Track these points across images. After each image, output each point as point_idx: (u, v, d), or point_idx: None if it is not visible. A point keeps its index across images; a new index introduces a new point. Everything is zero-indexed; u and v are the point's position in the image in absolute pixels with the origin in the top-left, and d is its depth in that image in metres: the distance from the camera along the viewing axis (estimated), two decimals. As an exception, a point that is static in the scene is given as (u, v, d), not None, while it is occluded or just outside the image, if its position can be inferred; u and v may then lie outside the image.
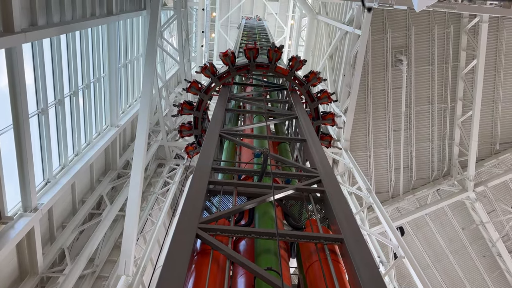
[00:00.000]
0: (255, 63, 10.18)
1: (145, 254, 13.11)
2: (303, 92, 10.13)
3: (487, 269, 22.11)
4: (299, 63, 10.19)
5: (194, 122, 10.11)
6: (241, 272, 4.62)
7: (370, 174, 21.21)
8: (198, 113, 9.97)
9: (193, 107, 9.99)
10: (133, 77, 18.82)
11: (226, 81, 10.15)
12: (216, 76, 9.95)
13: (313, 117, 10.12)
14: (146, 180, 17.58)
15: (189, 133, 10.29)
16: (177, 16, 20.85)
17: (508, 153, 21.17)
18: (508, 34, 19.29)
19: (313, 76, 10.14)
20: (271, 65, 10.17)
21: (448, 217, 21.63)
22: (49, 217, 11.53)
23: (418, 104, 20.46)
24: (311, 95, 10.10)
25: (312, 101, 10.10)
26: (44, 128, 10.99)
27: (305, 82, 10.11)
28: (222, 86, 10.11)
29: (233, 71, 10.09)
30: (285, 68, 10.22)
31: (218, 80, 9.98)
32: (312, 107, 10.11)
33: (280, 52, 10.32)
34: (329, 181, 5.73)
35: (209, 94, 9.94)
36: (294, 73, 10.17)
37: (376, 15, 18.36)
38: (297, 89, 10.22)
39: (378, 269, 4.07)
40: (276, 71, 10.20)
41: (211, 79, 10.01)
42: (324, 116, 10.23)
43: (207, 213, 5.49)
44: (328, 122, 10.25)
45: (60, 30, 10.99)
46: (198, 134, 10.16)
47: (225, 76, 10.07)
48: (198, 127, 10.10)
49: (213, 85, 9.96)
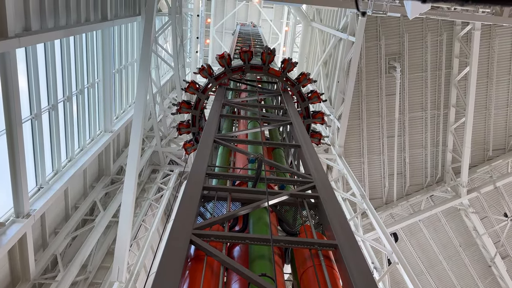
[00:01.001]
0: (250, 64, 10.62)
1: (139, 261, 13.02)
2: (295, 92, 10.58)
3: (480, 275, 22.19)
4: (291, 65, 10.76)
5: (191, 120, 10.47)
6: (235, 278, 4.60)
7: (364, 180, 21.27)
8: (195, 112, 10.38)
9: (191, 106, 10.38)
10: (127, 82, 18.79)
11: (222, 82, 10.58)
12: (213, 77, 10.39)
13: (304, 116, 10.56)
14: (140, 186, 17.50)
15: (187, 130, 10.63)
16: (171, 22, 20.89)
17: (500, 160, 21.35)
18: (500, 41, 19.53)
19: (303, 77, 10.72)
20: (265, 66, 10.68)
21: (442, 223, 21.72)
22: (41, 223, 11.43)
23: (411, 111, 20.60)
24: (302, 95, 10.59)
25: (303, 101, 10.59)
26: (37, 133, 10.92)
27: (297, 83, 10.61)
28: (218, 86, 10.53)
29: (229, 72, 10.53)
30: (277, 70, 10.72)
31: (214, 81, 10.41)
32: (303, 106, 10.59)
33: (273, 55, 10.84)
34: (323, 187, 5.74)
35: (206, 93, 10.38)
36: (286, 74, 10.64)
37: (370, 22, 18.52)
38: (289, 89, 10.65)
39: (372, 275, 4.08)
40: (269, 72, 10.72)
41: (208, 80, 10.42)
42: (314, 115, 10.69)
43: (201, 219, 5.47)
44: (318, 120, 10.72)
45: (54, 35, 10.97)
46: (195, 131, 10.58)
47: (222, 76, 10.51)
48: (196, 125, 10.49)
49: (210, 85, 10.39)
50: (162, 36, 24.61)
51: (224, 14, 35.98)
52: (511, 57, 19.90)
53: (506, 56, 19.90)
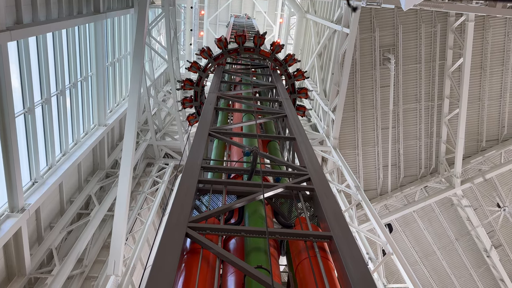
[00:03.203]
0: (244, 47, 12.35)
1: (135, 254, 13.04)
2: (282, 71, 12.29)
3: (473, 265, 22.46)
4: (279, 47, 12.44)
5: (194, 95, 12.07)
6: (231, 271, 4.62)
7: (358, 172, 21.37)
8: (197, 88, 11.98)
9: (193, 83, 11.94)
10: (121, 75, 18.67)
11: (220, 62, 12.24)
12: (212, 58, 12.02)
13: (291, 91, 12.29)
14: (135, 179, 17.47)
15: (190, 104, 12.19)
16: (165, 14, 20.71)
17: (494, 150, 21.52)
18: (493, 32, 19.58)
19: (289, 58, 12.45)
20: (256, 48, 12.42)
21: (436, 213, 21.91)
22: (36, 217, 11.40)
23: (405, 102, 20.66)
24: (288, 73, 12.33)
25: (289, 78, 12.26)
26: (30, 128, 10.85)
27: (284, 62, 12.29)
28: (216, 66, 12.15)
29: (225, 53, 12.26)
30: (267, 51, 12.45)
31: (213, 61, 12.05)
32: (289, 83, 12.25)
33: (264, 38, 12.57)
34: (318, 179, 5.76)
35: (206, 72, 11.98)
36: (274, 55, 12.36)
37: (364, 13, 18.48)
38: (277, 68, 12.35)
39: (367, 266, 4.11)
40: (260, 53, 12.48)
41: (208, 60, 12.00)
42: (299, 91, 12.40)
43: (196, 212, 5.48)
44: (302, 95, 12.42)
45: (46, 28, 10.85)
46: (197, 105, 12.12)
47: (220, 57, 12.21)
48: (197, 99, 12.04)
49: (210, 65, 11.99)
50: (156, 28, 24.42)
51: (218, 6, 35.74)
52: (504, 48, 19.97)
53: (499, 47, 19.97)
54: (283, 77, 12.26)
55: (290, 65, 12.54)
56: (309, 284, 4.19)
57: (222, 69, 11.86)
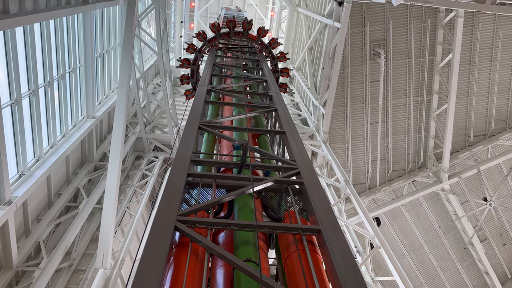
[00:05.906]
0: (234, 31, 14.60)
1: (123, 247, 12.99)
2: (267, 53, 14.40)
3: (459, 258, 22.82)
4: (264, 32, 14.72)
5: (191, 73, 14.30)
6: (220, 264, 4.64)
7: (348, 166, 21.50)
8: (194, 67, 14.29)
9: (190, 62, 14.15)
10: (109, 67, 18.45)
11: (213, 44, 14.36)
12: (207, 40, 14.34)
13: (274, 71, 14.42)
14: (124, 172, 17.35)
15: (187, 81, 14.44)
16: (155, 5, 20.46)
17: (481, 146, 21.79)
18: (482, 29, 19.74)
19: (273, 41, 14.61)
20: (245, 32, 14.64)
21: (423, 207, 22.17)
22: (23, 210, 11.29)
23: (395, 97, 20.79)
24: (273, 55, 14.52)
25: (273, 59, 14.50)
26: (17, 120, 10.70)
27: (269, 45, 14.50)
28: (210, 47, 14.30)
29: (218, 36, 14.61)
30: (254, 35, 14.70)
31: (208, 43, 14.31)
32: (273, 63, 14.48)
33: (251, 24, 14.92)
34: (308, 173, 5.79)
35: (201, 53, 14.30)
36: (260, 38, 14.65)
37: (355, 8, 18.49)
38: (263, 51, 14.36)
39: (354, 258, 4.16)
40: (248, 37, 14.69)
41: (203, 42, 14.26)
42: (282, 70, 14.64)
43: (186, 206, 5.48)
44: (284, 75, 14.73)
45: (33, 18, 10.66)
46: (193, 82, 14.34)
47: (213, 40, 14.45)
48: (194, 77, 14.32)
49: (204, 47, 14.31)
50: (145, 20, 24.17)
51: (208, -2, 35.42)
52: (492, 45, 20.16)
53: (488, 43, 20.15)
54: (268, 59, 14.23)
55: (274, 48, 14.56)
56: (298, 277, 4.23)
57: (215, 50, 13.68)
